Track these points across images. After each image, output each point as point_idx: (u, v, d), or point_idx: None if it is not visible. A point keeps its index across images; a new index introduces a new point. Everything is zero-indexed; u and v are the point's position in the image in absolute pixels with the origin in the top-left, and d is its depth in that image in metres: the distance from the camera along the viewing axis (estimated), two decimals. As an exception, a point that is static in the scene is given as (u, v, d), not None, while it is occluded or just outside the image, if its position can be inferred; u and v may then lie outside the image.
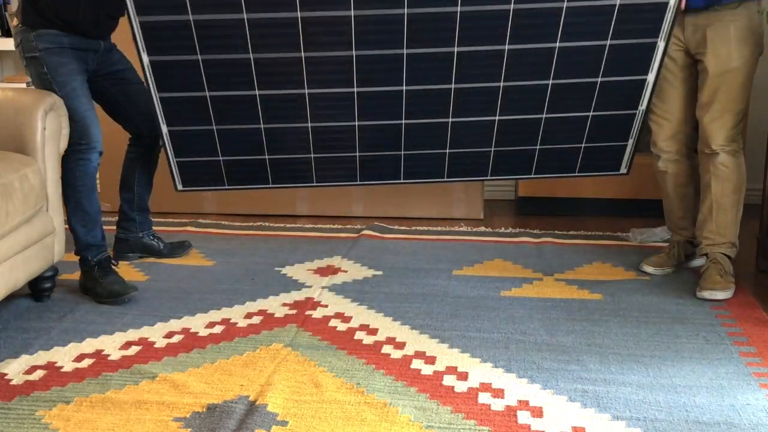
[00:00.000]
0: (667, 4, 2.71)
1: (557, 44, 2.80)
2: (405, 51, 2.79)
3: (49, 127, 2.67)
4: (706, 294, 2.79)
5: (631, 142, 3.06)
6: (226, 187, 3.07)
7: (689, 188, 3.01)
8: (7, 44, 3.75)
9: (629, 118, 3.00)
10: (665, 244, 3.24)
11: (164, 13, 2.66)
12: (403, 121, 2.94)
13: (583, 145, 3.05)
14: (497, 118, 2.95)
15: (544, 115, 2.96)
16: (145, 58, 2.75)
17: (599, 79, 2.87)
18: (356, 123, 2.94)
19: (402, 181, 3.10)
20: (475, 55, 2.81)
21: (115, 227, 3.21)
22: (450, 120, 2.94)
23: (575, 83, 2.89)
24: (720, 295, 2.79)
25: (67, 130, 2.76)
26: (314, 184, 3.08)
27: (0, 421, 1.99)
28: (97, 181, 3.80)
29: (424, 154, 3.04)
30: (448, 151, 3.03)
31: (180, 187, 3.06)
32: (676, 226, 3.08)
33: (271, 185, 3.08)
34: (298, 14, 2.69)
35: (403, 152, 3.02)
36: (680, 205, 3.04)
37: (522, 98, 2.91)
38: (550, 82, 2.88)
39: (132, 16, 2.67)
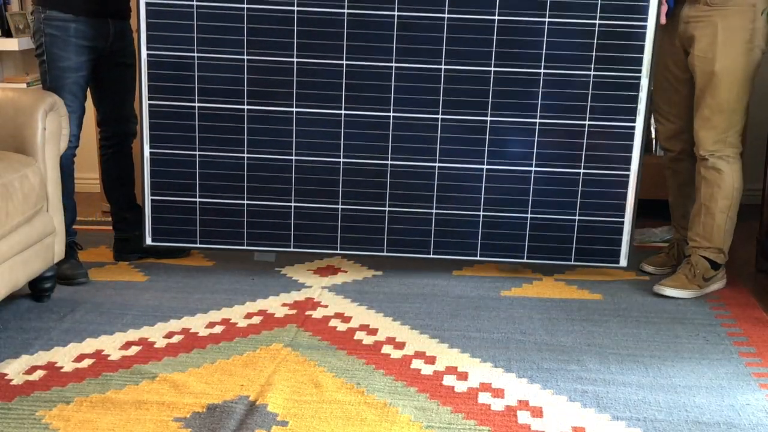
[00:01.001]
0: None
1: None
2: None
3: (49, 127, 2.67)
4: (656, 288, 2.81)
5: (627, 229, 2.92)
6: (198, 245, 2.99)
7: (692, 188, 2.98)
8: (7, 44, 3.75)
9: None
10: (665, 244, 3.23)
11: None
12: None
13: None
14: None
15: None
16: (144, 52, 2.82)
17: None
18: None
19: (385, 253, 2.96)
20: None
21: (113, 229, 3.22)
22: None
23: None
24: (670, 291, 2.78)
25: (68, 130, 2.77)
26: (291, 249, 2.98)
27: (0, 421, 1.99)
28: (98, 182, 3.82)
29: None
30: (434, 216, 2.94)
31: (149, 241, 3.00)
32: (677, 224, 3.07)
33: (245, 246, 2.99)
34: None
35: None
36: (681, 203, 3.03)
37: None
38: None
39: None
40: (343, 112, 2.84)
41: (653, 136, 3.58)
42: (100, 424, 1.97)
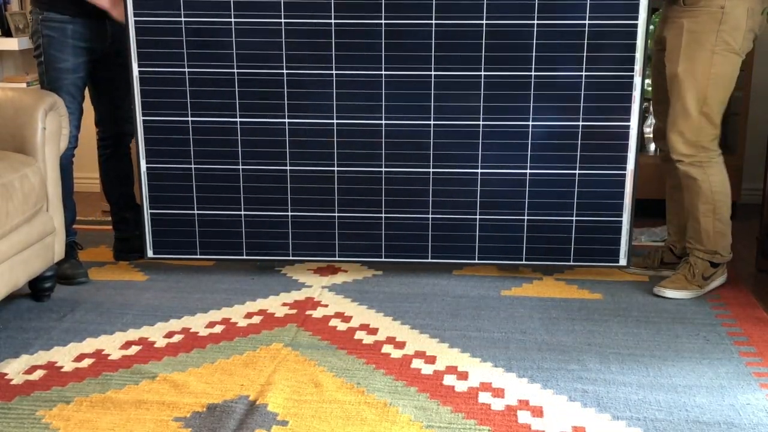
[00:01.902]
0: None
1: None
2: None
3: (49, 127, 2.67)
4: (656, 289, 2.81)
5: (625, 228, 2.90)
6: (198, 256, 3.00)
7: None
8: (7, 44, 3.75)
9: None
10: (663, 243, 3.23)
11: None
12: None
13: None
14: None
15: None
16: (135, 69, 2.83)
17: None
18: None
19: (383, 259, 2.97)
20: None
21: (113, 228, 3.22)
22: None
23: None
24: (670, 293, 2.78)
25: (68, 129, 2.77)
26: (290, 257, 2.99)
27: (0, 421, 1.99)
28: (98, 182, 3.82)
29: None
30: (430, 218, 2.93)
31: (151, 254, 3.00)
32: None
33: (244, 256, 2.99)
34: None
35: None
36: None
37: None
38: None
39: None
40: (335, 121, 2.84)
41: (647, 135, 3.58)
42: (100, 424, 1.97)
